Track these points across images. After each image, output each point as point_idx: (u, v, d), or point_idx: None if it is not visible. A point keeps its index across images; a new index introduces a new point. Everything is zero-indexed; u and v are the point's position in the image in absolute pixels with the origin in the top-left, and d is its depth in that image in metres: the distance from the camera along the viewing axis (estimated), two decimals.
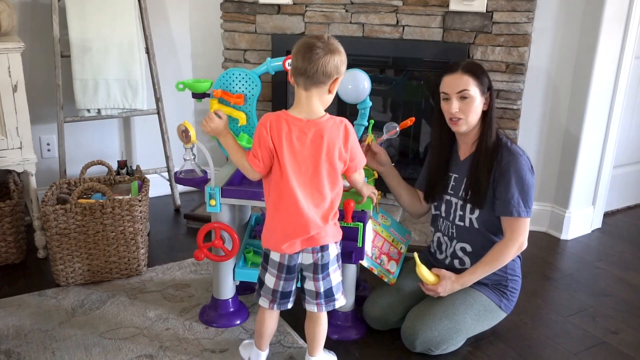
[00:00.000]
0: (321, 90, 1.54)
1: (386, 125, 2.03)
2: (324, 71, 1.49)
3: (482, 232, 1.91)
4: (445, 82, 1.86)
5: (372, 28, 2.80)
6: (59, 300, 2.16)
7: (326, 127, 1.55)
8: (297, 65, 1.51)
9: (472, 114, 1.84)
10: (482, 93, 1.85)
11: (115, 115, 2.79)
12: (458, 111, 1.84)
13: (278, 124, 1.55)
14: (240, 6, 2.96)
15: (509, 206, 1.84)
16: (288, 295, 1.67)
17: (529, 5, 2.56)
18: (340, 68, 1.53)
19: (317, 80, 1.51)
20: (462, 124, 1.86)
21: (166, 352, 1.86)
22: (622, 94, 2.76)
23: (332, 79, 1.52)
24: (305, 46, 1.50)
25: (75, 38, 2.60)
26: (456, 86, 1.83)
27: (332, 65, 1.50)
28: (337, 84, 1.55)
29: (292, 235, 1.57)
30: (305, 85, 1.53)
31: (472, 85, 1.82)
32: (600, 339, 2.04)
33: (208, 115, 1.70)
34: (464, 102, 1.83)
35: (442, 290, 1.87)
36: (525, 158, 1.88)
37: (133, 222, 2.25)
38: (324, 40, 1.51)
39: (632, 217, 3.20)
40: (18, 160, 2.35)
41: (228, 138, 1.70)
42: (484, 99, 1.86)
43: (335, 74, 1.52)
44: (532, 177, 1.87)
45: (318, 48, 1.49)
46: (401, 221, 2.85)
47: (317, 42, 1.50)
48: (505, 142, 1.89)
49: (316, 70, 1.49)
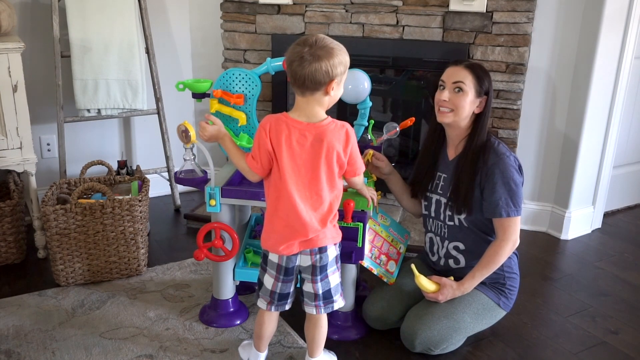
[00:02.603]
0: (317, 95, 1.52)
1: (386, 125, 2.03)
2: (313, 79, 1.47)
3: (472, 230, 1.92)
4: (446, 72, 1.87)
5: (372, 28, 2.80)
6: (59, 300, 2.16)
7: (327, 130, 1.54)
8: (289, 74, 1.52)
9: (461, 108, 1.83)
10: (477, 93, 1.84)
11: (115, 115, 2.79)
12: (447, 100, 1.84)
13: (278, 127, 1.54)
14: (240, 6, 2.96)
15: (497, 208, 1.83)
16: (286, 297, 1.67)
17: (529, 5, 2.56)
18: (333, 70, 1.48)
19: (308, 87, 1.49)
20: (449, 116, 1.85)
21: (166, 352, 1.86)
22: (622, 94, 2.76)
23: (324, 85, 1.49)
24: (293, 55, 1.49)
25: (75, 38, 2.60)
26: (454, 77, 1.84)
27: (321, 72, 1.46)
28: (334, 85, 1.51)
29: (290, 238, 1.57)
30: (301, 92, 1.52)
31: (468, 81, 1.82)
32: (600, 339, 2.04)
33: (200, 124, 1.71)
34: (456, 94, 1.83)
35: (443, 298, 1.87)
36: (512, 158, 1.86)
37: (133, 222, 2.25)
38: (311, 45, 1.47)
39: (632, 217, 3.20)
40: (18, 160, 2.35)
41: (226, 142, 1.70)
42: (479, 101, 1.85)
43: (326, 79, 1.48)
44: (519, 176, 1.86)
45: (304, 57, 1.46)
46: (401, 221, 2.85)
47: (304, 50, 1.47)
48: (493, 142, 1.88)
49: (304, 80, 1.47)
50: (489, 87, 1.86)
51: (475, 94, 1.83)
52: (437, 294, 1.87)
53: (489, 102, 1.86)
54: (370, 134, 2.03)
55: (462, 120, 1.87)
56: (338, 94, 1.56)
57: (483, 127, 1.86)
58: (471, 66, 1.84)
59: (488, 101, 1.86)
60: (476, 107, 1.85)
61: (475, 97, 1.84)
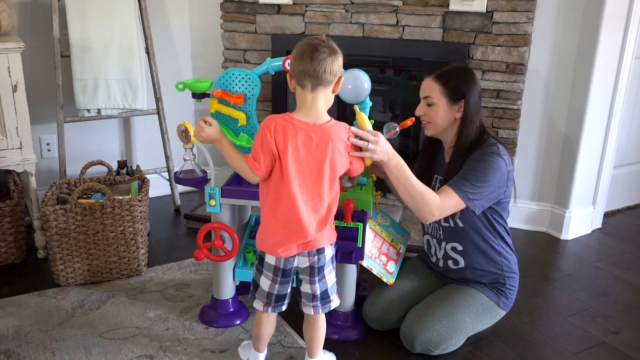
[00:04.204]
0: (327, 91, 1.55)
1: (386, 125, 2.03)
2: (331, 70, 1.51)
3: (468, 230, 1.90)
4: (422, 84, 1.90)
5: (372, 28, 2.80)
6: (59, 300, 2.16)
7: (332, 132, 1.56)
8: (303, 67, 1.50)
9: (436, 119, 1.85)
10: (450, 102, 1.82)
11: (115, 115, 2.79)
12: (423, 114, 1.88)
13: (284, 127, 1.53)
14: (240, 6, 2.96)
15: (453, 180, 1.78)
16: (283, 298, 1.66)
17: (529, 5, 2.56)
18: (341, 68, 1.55)
19: (325, 79, 1.51)
20: (428, 127, 1.90)
21: (166, 352, 1.86)
22: (622, 94, 2.76)
23: (337, 78, 1.54)
24: (310, 47, 1.50)
25: (75, 38, 2.60)
26: (423, 91, 1.87)
27: (337, 64, 1.52)
28: (340, 84, 1.57)
29: (289, 240, 1.56)
30: (313, 87, 1.53)
31: (437, 93, 1.83)
32: (600, 339, 2.04)
33: (198, 124, 1.69)
34: (429, 107, 1.86)
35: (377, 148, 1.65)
36: (500, 159, 1.79)
37: (133, 222, 2.25)
38: (325, 41, 1.52)
39: (632, 217, 3.20)
40: (18, 160, 2.35)
41: (223, 143, 1.67)
42: (457, 107, 1.83)
43: (339, 72, 1.54)
44: (493, 175, 1.77)
45: (323, 47, 1.50)
46: (401, 221, 2.85)
47: (320, 43, 1.51)
48: (488, 142, 1.83)
49: (324, 70, 1.49)
50: (467, 89, 1.81)
51: (448, 102, 1.83)
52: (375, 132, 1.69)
53: (470, 104, 1.81)
54: None
55: (442, 130, 1.88)
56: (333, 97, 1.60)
57: (467, 130, 1.83)
58: (441, 76, 1.83)
59: (467, 104, 1.81)
60: (456, 112, 1.84)
61: (450, 104, 1.83)
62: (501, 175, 1.79)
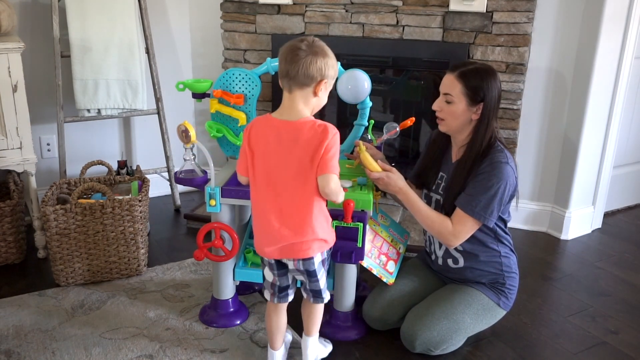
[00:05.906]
0: (305, 93, 1.51)
1: (386, 125, 2.03)
2: (305, 73, 1.47)
3: None
4: (443, 79, 1.86)
5: (372, 28, 2.80)
6: (59, 300, 2.16)
7: (303, 128, 1.51)
8: (280, 67, 1.51)
9: (452, 118, 1.83)
10: (471, 101, 1.79)
11: (115, 115, 2.79)
12: (439, 110, 1.86)
13: (256, 127, 1.55)
14: (240, 6, 2.96)
15: (465, 201, 1.80)
16: (285, 288, 1.69)
17: (529, 5, 2.56)
18: (326, 71, 1.49)
19: (298, 81, 1.48)
20: (442, 124, 1.88)
21: (166, 352, 1.86)
22: (622, 94, 2.76)
23: (315, 81, 1.49)
24: (288, 48, 1.49)
25: (75, 38, 2.60)
26: (444, 87, 1.84)
27: (315, 67, 1.47)
28: (323, 86, 1.51)
29: (269, 244, 1.58)
30: (289, 87, 1.51)
31: (457, 92, 1.80)
32: (600, 339, 2.04)
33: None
34: (447, 104, 1.83)
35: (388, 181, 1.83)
36: (509, 169, 1.79)
37: (133, 222, 2.25)
38: (309, 42, 1.49)
39: (632, 217, 3.20)
40: (18, 160, 2.35)
41: None
42: (475, 108, 1.80)
43: (318, 76, 1.48)
44: (503, 187, 1.78)
45: (301, 50, 1.47)
46: (401, 221, 2.85)
47: (301, 44, 1.48)
48: (495, 149, 1.82)
49: (297, 72, 1.47)
50: (487, 93, 1.78)
51: (467, 103, 1.80)
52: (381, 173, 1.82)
53: (488, 108, 1.80)
54: (371, 134, 2.03)
55: (456, 129, 1.86)
56: (324, 99, 1.56)
57: (481, 134, 1.82)
58: (464, 75, 1.79)
59: (485, 108, 1.80)
60: (473, 113, 1.82)
61: (469, 105, 1.80)
62: (510, 185, 1.81)
